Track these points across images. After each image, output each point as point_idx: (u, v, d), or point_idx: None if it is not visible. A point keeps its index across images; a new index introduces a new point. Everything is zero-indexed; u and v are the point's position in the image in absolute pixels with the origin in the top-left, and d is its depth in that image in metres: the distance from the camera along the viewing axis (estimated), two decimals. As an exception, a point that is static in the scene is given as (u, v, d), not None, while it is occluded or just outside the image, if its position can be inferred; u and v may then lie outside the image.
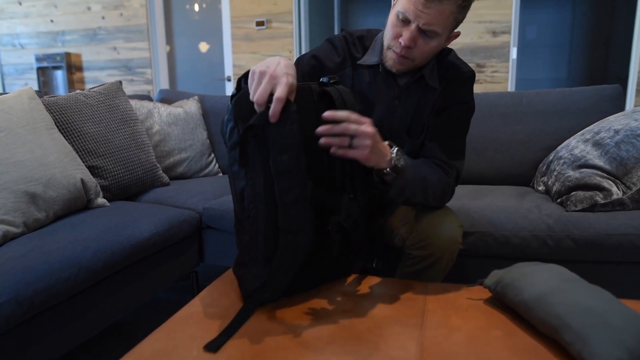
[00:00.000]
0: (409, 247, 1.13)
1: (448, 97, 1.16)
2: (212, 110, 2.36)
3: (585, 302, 0.76)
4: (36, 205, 1.34)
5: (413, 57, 1.07)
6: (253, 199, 0.89)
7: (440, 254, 1.09)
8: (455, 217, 1.12)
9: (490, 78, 3.31)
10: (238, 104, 0.87)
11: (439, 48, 1.08)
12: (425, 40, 1.03)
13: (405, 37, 1.02)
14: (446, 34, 1.05)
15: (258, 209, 0.89)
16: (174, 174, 2.10)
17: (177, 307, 0.92)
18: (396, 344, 0.78)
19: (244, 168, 0.89)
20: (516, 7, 3.20)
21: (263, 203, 0.88)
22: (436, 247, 1.08)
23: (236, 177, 0.91)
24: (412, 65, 1.10)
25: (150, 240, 1.39)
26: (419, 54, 1.06)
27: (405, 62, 1.08)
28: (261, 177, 0.88)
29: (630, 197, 1.36)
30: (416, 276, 1.14)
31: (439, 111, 1.17)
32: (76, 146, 1.64)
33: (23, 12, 4.44)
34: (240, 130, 0.87)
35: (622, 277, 1.34)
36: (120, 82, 1.98)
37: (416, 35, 1.02)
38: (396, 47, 1.06)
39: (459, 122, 1.18)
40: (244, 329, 0.83)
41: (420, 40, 1.03)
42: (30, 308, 1.01)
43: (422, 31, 1.02)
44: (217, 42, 4.20)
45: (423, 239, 1.09)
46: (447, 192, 1.14)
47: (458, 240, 1.10)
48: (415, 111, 1.18)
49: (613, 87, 1.86)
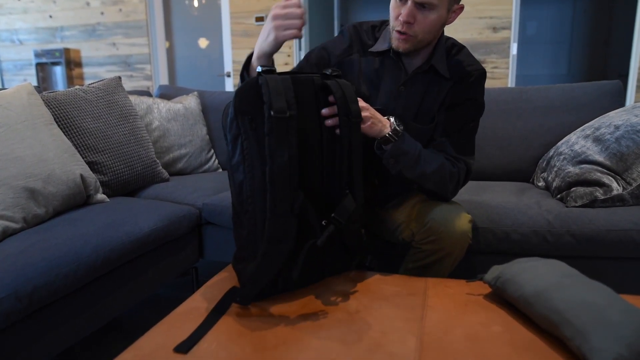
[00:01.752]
0: (418, 241, 1.13)
1: (459, 93, 1.18)
2: (212, 106, 2.36)
3: (585, 298, 0.76)
4: (35, 201, 1.34)
5: (415, 33, 1.09)
6: (251, 194, 0.89)
7: (451, 249, 1.10)
8: (465, 211, 1.13)
9: (491, 74, 3.30)
10: (239, 95, 0.87)
11: (440, 21, 1.09)
12: (424, 14, 1.06)
13: (404, 13, 1.06)
14: (445, 4, 1.07)
15: (256, 203, 0.89)
16: (173, 170, 2.10)
17: (177, 304, 0.92)
18: (396, 339, 0.78)
19: (242, 162, 0.89)
20: (516, 3, 3.19)
21: (261, 198, 0.88)
22: (447, 241, 1.09)
23: (235, 171, 0.91)
24: (416, 41, 1.11)
25: (150, 236, 1.39)
26: (420, 29, 1.09)
27: (409, 39, 1.11)
28: (259, 171, 0.88)
29: (630, 192, 1.36)
30: (423, 270, 1.14)
31: (450, 106, 1.19)
32: (75, 142, 1.63)
33: (22, 8, 4.42)
34: (240, 123, 0.87)
35: (622, 272, 1.34)
36: (119, 77, 1.97)
37: (413, 10, 1.06)
38: (398, 26, 1.09)
39: (469, 120, 1.20)
40: (243, 325, 0.83)
41: (419, 14, 1.07)
42: (30, 304, 1.01)
43: (419, 5, 1.06)
44: (217, 38, 4.19)
45: (434, 233, 1.10)
46: (451, 180, 1.15)
47: (469, 235, 1.11)
48: (423, 99, 1.20)
49: (613, 82, 1.86)
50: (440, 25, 1.11)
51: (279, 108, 0.85)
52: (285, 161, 0.85)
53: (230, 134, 0.89)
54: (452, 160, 1.17)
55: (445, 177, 1.14)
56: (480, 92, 1.20)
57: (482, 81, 1.20)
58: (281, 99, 0.86)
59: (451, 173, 1.15)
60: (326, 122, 0.95)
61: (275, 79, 0.87)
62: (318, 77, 0.97)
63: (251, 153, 0.88)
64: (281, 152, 0.85)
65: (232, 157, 0.91)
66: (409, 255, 1.18)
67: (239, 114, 0.86)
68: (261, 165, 0.88)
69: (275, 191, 0.85)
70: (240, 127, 0.88)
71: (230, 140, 0.90)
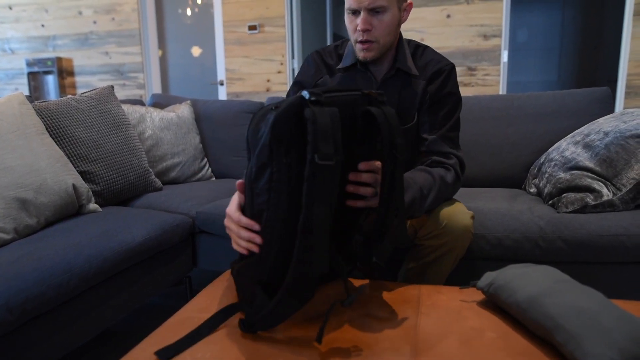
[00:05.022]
0: (421, 237, 1.14)
1: (436, 90, 1.21)
2: (205, 114, 2.36)
3: (578, 303, 0.77)
4: (27, 211, 1.33)
5: (376, 38, 1.14)
6: (271, 224, 0.83)
7: (453, 244, 1.11)
8: (464, 207, 1.15)
9: (482, 81, 3.33)
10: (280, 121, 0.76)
11: (395, 21, 1.15)
12: (379, 18, 1.12)
13: (360, 22, 1.12)
14: (394, 4, 1.12)
15: (274, 234, 0.83)
16: (166, 179, 2.09)
17: (170, 313, 0.92)
18: (390, 347, 0.78)
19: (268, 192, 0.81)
20: (506, 11, 3.24)
21: (279, 230, 0.82)
22: (450, 236, 1.11)
23: (256, 195, 0.83)
24: (379, 46, 1.16)
25: (143, 245, 1.38)
26: (379, 33, 1.14)
27: (372, 47, 1.15)
28: (285, 204, 0.80)
29: (620, 198, 1.37)
30: (426, 268, 1.15)
31: (431, 105, 1.22)
32: (68, 151, 1.63)
33: (13, 17, 4.41)
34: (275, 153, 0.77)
35: (613, 277, 1.35)
36: (112, 86, 1.97)
37: (368, 17, 1.11)
38: (358, 37, 1.15)
39: (451, 113, 1.23)
40: (239, 332, 0.83)
41: (374, 20, 1.12)
42: (22, 315, 1.00)
43: (371, 11, 1.11)
44: (210, 46, 4.20)
45: (437, 228, 1.11)
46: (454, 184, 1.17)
47: (471, 230, 1.13)
48: (399, 101, 1.23)
49: (602, 89, 1.88)
50: (397, 25, 1.16)
51: (325, 155, 0.73)
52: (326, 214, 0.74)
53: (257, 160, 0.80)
54: (444, 162, 1.18)
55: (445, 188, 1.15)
56: (456, 86, 1.24)
57: (454, 75, 1.24)
58: (328, 142, 0.74)
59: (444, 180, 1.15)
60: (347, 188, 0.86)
61: (325, 116, 0.75)
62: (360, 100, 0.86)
63: (280, 187, 0.79)
64: (321, 202, 0.74)
65: (254, 179, 0.82)
66: (410, 253, 1.19)
67: (275, 143, 0.76)
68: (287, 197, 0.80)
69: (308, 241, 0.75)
70: (274, 157, 0.78)
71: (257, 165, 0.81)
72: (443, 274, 1.16)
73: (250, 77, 3.91)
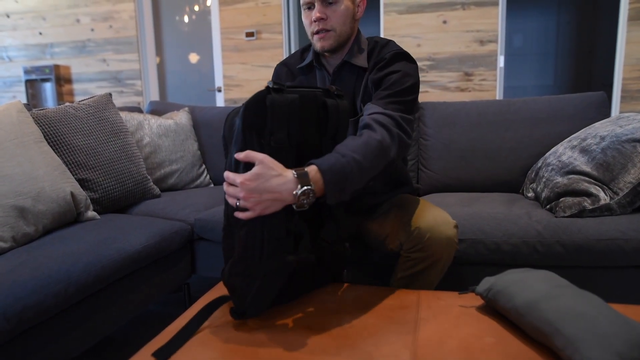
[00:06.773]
0: (407, 250, 1.14)
1: (376, 77, 1.19)
2: (203, 121, 2.36)
3: (576, 308, 0.77)
4: (25, 219, 1.33)
5: (332, 27, 1.19)
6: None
7: (439, 255, 1.11)
8: (449, 217, 1.15)
9: (479, 86, 3.35)
10: (248, 109, 0.84)
11: (349, 12, 1.20)
12: (332, 8, 1.18)
13: (315, 13, 1.17)
14: None
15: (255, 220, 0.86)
16: (165, 186, 2.09)
17: (169, 320, 0.92)
18: (389, 352, 0.78)
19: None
20: (502, 17, 3.26)
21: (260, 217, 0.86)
22: (435, 247, 1.11)
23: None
24: (336, 35, 1.20)
25: (142, 253, 1.38)
26: (334, 22, 1.19)
27: (328, 35, 1.20)
28: None
29: (617, 202, 1.38)
30: (414, 279, 1.15)
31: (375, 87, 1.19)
32: (66, 159, 1.63)
33: (11, 25, 4.42)
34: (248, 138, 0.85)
35: (611, 281, 1.35)
36: (110, 94, 1.97)
37: (321, 8, 1.17)
38: (314, 27, 1.20)
39: (395, 85, 1.14)
40: (234, 340, 0.82)
41: (328, 10, 1.17)
42: (19, 324, 0.99)
43: (325, 3, 1.17)
44: (207, 53, 4.21)
45: (421, 242, 1.11)
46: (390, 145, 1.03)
47: (455, 241, 1.13)
48: (354, 94, 1.26)
49: (598, 94, 1.89)
50: (351, 17, 1.21)
51: (279, 139, 0.86)
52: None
53: (235, 146, 0.87)
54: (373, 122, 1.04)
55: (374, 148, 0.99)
56: (399, 66, 1.16)
57: (398, 59, 1.17)
58: (283, 128, 0.86)
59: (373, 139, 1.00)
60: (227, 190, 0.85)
61: (282, 104, 0.85)
62: (321, 94, 0.97)
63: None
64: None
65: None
66: (398, 264, 1.19)
67: (247, 129, 0.85)
68: None
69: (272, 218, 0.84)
70: (247, 141, 0.85)
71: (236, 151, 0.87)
72: (432, 283, 1.17)
73: (248, 83, 3.92)
